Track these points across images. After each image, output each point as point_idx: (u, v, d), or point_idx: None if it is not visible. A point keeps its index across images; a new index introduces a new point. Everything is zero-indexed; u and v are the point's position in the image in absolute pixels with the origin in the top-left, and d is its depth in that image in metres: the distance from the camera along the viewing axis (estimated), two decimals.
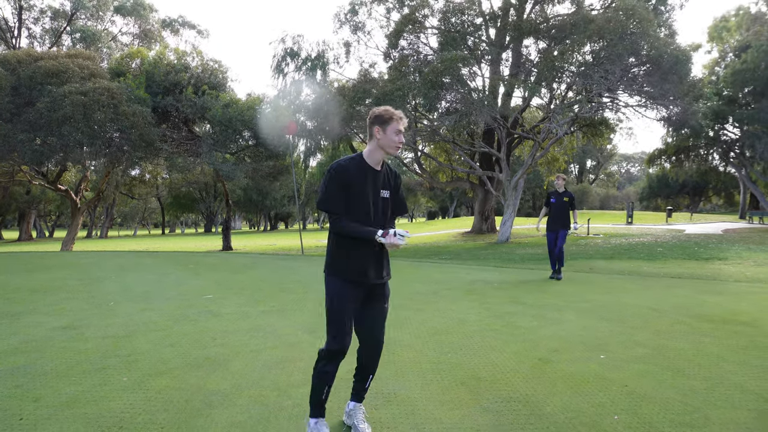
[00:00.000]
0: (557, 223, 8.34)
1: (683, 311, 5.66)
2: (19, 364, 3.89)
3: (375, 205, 2.60)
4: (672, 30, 18.66)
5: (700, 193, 56.19)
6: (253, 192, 52.57)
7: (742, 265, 10.35)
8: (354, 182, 2.52)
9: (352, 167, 2.55)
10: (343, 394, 3.12)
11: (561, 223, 8.34)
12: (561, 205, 8.33)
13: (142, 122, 19.46)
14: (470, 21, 19.44)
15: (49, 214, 55.23)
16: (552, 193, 8.47)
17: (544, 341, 4.47)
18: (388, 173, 2.71)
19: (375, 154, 2.61)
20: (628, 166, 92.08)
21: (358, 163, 2.58)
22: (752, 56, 25.26)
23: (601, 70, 16.17)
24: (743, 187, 37.01)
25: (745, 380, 3.41)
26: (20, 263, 11.87)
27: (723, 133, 30.77)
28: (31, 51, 22.06)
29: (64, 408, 3.02)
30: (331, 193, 2.50)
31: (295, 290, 7.67)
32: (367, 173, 2.58)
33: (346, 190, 2.51)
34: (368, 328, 2.69)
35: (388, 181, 2.69)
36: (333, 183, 2.50)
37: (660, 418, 2.83)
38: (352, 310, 2.59)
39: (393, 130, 2.56)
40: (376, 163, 2.62)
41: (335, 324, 2.56)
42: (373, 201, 2.59)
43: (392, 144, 2.57)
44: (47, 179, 24.74)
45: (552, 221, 8.41)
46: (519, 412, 2.95)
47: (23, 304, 6.44)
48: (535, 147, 19.62)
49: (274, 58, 24.02)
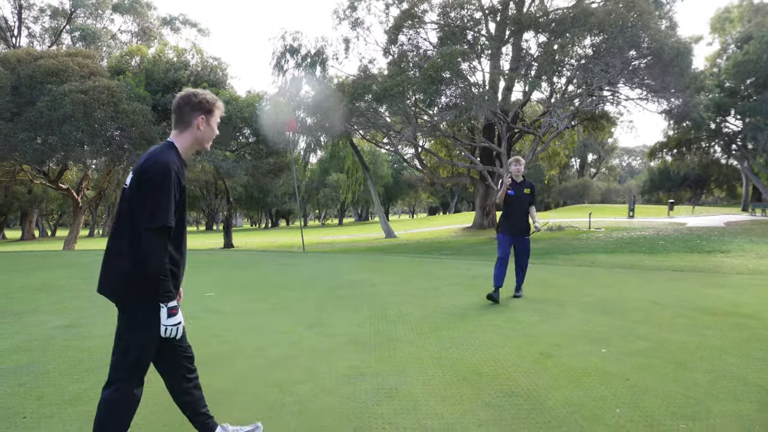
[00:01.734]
0: (515, 225, 6.10)
1: (685, 304, 5.66)
2: (22, 362, 3.91)
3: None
4: (673, 22, 18.57)
5: (702, 186, 56.07)
6: (254, 189, 52.55)
7: (744, 258, 10.33)
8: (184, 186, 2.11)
9: (181, 167, 2.12)
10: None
11: (520, 226, 6.13)
12: (521, 199, 6.11)
13: (143, 120, 19.46)
14: (470, 15, 19.36)
15: (51, 214, 55.32)
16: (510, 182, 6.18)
17: (546, 336, 4.47)
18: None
19: (192, 149, 2.23)
20: (630, 160, 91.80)
21: (181, 162, 2.14)
22: (754, 47, 25.14)
23: (602, 64, 16.09)
24: (745, 179, 36.90)
25: (748, 373, 3.41)
26: (23, 262, 11.90)
27: (725, 126, 30.68)
28: (31, 50, 22.05)
29: (67, 406, 3.03)
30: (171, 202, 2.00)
31: (297, 288, 7.67)
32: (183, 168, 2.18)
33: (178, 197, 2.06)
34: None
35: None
36: (173, 188, 2.01)
37: (662, 412, 2.82)
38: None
39: (216, 121, 2.25)
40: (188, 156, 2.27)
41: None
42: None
43: (212, 138, 2.25)
44: (49, 178, 24.76)
45: (508, 221, 6.14)
46: (521, 406, 2.95)
47: (26, 303, 6.46)
48: (536, 141, 19.58)
49: (274, 55, 23.99)
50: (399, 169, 61.30)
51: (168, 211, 1.98)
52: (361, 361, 3.86)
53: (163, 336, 2.06)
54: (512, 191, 6.10)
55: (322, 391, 3.23)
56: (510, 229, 6.15)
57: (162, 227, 1.98)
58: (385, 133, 23.36)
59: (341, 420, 2.82)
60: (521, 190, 6.16)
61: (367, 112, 20.63)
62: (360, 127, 22.61)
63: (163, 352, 2.23)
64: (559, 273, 8.58)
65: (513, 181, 6.16)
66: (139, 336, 2.09)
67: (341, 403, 3.04)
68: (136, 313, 2.09)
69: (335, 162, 51.33)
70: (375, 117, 21.00)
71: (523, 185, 6.18)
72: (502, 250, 6.11)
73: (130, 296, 2.10)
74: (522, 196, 6.13)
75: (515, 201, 6.11)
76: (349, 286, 7.63)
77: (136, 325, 2.09)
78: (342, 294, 6.89)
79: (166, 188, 2.00)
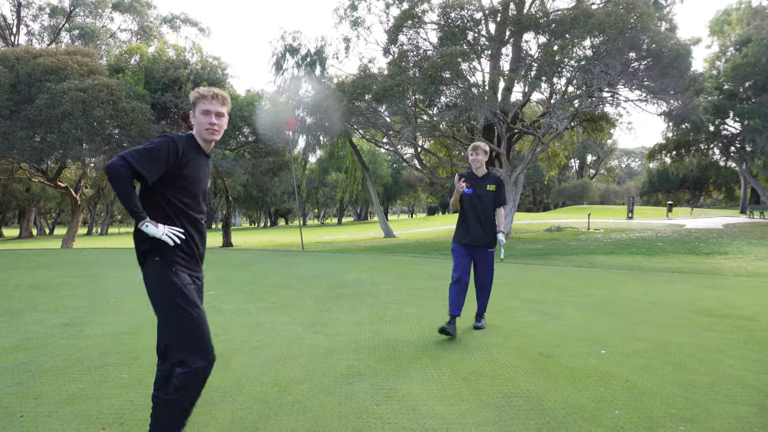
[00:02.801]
0: (475, 233, 4.63)
1: (684, 306, 5.66)
2: (19, 361, 3.89)
3: (204, 194, 2.45)
4: (672, 24, 18.57)
5: (701, 188, 56.17)
6: (253, 188, 52.46)
7: (742, 260, 10.35)
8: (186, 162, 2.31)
9: (190, 150, 2.34)
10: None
11: (482, 234, 4.63)
12: (482, 199, 4.66)
13: (142, 119, 19.43)
14: (470, 16, 19.34)
15: (50, 212, 55.23)
16: (466, 176, 4.68)
17: (545, 336, 4.47)
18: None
19: (202, 141, 2.41)
20: (629, 161, 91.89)
21: (194, 148, 2.38)
22: (753, 50, 25.18)
23: (602, 65, 16.11)
24: (744, 181, 36.97)
25: (746, 375, 3.41)
26: (21, 260, 11.87)
27: (724, 128, 30.72)
28: (30, 48, 21.98)
29: (64, 405, 3.02)
30: (151, 154, 2.20)
31: (296, 286, 7.66)
32: (201, 159, 2.41)
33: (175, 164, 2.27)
34: None
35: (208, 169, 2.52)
36: (163, 151, 2.24)
37: (661, 413, 2.82)
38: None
39: (200, 110, 2.33)
40: (207, 148, 2.45)
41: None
42: (203, 188, 2.44)
43: (202, 126, 2.34)
44: (47, 176, 24.71)
45: (463, 228, 4.71)
46: (520, 407, 2.95)
47: (24, 302, 6.45)
48: (536, 142, 19.58)
49: (273, 54, 23.94)
50: (398, 168, 61.31)
51: (138, 155, 2.16)
52: (360, 360, 3.86)
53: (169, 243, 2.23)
54: (469, 189, 4.62)
55: (321, 391, 3.23)
56: (467, 239, 4.66)
57: (125, 158, 2.14)
58: (384, 133, 23.33)
59: (340, 420, 2.82)
60: (483, 187, 4.66)
61: (367, 111, 20.62)
62: (359, 127, 22.58)
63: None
64: (558, 274, 8.58)
65: (471, 176, 4.69)
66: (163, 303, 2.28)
67: (340, 403, 3.03)
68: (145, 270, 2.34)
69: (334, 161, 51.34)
70: (374, 117, 20.99)
71: (485, 180, 4.69)
72: (457, 267, 4.61)
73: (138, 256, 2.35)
74: (484, 195, 4.65)
75: (475, 201, 4.64)
76: (349, 285, 7.62)
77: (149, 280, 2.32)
78: (341, 293, 6.88)
79: (153, 145, 2.21)
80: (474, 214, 4.63)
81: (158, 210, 2.29)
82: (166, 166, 2.23)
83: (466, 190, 4.60)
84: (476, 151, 4.60)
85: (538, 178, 57.03)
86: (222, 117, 2.34)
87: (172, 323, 2.22)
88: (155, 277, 2.27)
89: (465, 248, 4.66)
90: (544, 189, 65.51)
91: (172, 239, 2.20)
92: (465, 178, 4.58)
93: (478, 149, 4.59)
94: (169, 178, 2.28)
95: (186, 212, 2.34)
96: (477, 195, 4.63)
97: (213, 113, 2.32)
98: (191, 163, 2.31)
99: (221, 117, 2.34)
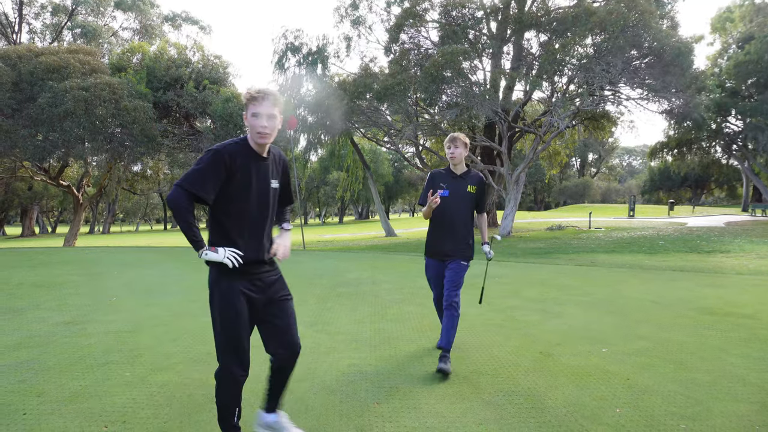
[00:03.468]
0: (446, 240, 3.80)
1: (685, 304, 5.66)
2: (22, 359, 3.91)
3: (261, 197, 2.36)
4: (674, 22, 18.54)
5: (703, 186, 56.03)
6: None
7: (744, 258, 10.33)
8: (234, 171, 2.28)
9: (238, 155, 2.30)
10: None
11: (454, 241, 3.78)
12: (459, 202, 3.80)
13: (144, 117, 19.45)
14: (471, 14, 19.32)
15: (52, 210, 55.29)
16: (439, 175, 3.89)
17: (546, 335, 4.47)
18: (275, 159, 2.47)
19: (254, 142, 2.34)
20: (630, 159, 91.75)
21: (244, 151, 2.33)
22: (755, 48, 25.11)
23: (603, 63, 16.08)
24: (746, 179, 36.89)
25: (747, 373, 3.41)
26: (23, 259, 11.90)
27: (725, 126, 30.63)
28: (32, 46, 22.01)
29: (67, 403, 3.04)
30: (201, 174, 2.22)
31: (297, 285, 7.67)
32: (253, 161, 2.34)
33: (226, 175, 2.26)
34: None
35: (276, 168, 2.45)
36: (211, 167, 2.25)
37: (662, 411, 2.83)
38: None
39: (251, 112, 2.28)
40: (261, 150, 2.36)
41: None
42: (264, 193, 2.37)
43: (253, 129, 2.28)
44: (49, 175, 24.76)
45: (434, 236, 3.89)
46: (521, 405, 2.96)
47: (26, 300, 6.47)
48: (537, 140, 19.56)
49: (275, 53, 23.94)
50: (400, 167, 61.23)
51: (190, 178, 2.20)
52: (361, 359, 3.87)
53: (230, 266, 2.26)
54: (445, 191, 3.73)
55: (323, 389, 3.24)
56: (438, 248, 3.80)
57: (180, 185, 2.19)
58: (385, 132, 23.32)
59: (342, 418, 2.83)
60: (461, 189, 3.77)
61: (368, 110, 20.61)
62: (361, 126, 22.58)
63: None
64: (559, 272, 8.58)
65: (449, 174, 3.82)
66: (212, 311, 2.36)
67: (342, 401, 3.04)
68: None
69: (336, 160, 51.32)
70: (376, 115, 20.99)
71: (465, 180, 3.80)
72: (433, 287, 3.94)
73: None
74: (461, 198, 3.76)
75: (451, 205, 3.73)
76: (350, 284, 7.64)
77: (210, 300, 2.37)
78: (342, 292, 6.89)
79: (201, 164, 2.23)
80: (446, 219, 3.74)
81: (217, 219, 2.33)
82: (219, 181, 2.25)
83: (442, 191, 3.70)
84: (454, 143, 3.72)
85: (539, 177, 56.97)
86: (273, 119, 2.29)
87: (215, 329, 2.38)
88: (210, 283, 2.36)
89: (435, 262, 3.85)
90: (546, 188, 65.43)
91: (233, 262, 2.23)
92: (441, 178, 3.80)
93: (457, 141, 3.71)
94: (223, 187, 2.28)
95: (244, 219, 2.34)
96: (454, 198, 3.74)
97: (264, 115, 2.27)
98: (242, 168, 2.29)
99: (273, 119, 2.29)
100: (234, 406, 2.43)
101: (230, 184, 2.27)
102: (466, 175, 3.82)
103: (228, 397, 2.42)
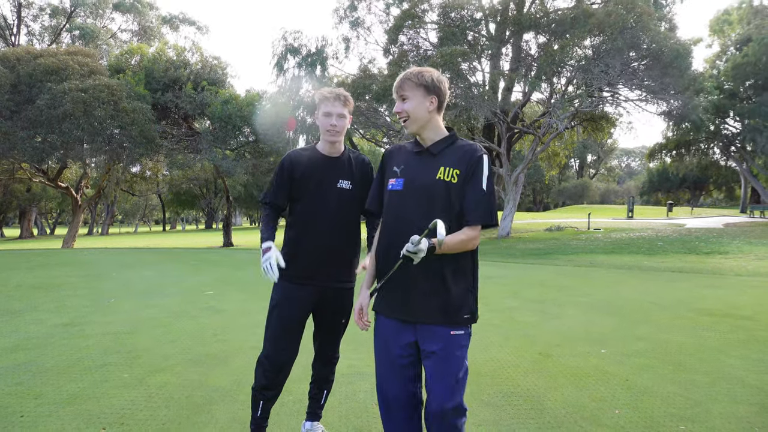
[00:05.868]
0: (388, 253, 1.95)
1: (684, 305, 5.66)
2: (20, 361, 3.90)
3: (322, 194, 2.38)
4: (672, 24, 18.58)
5: (701, 188, 56.11)
6: (254, 188, 52.35)
7: (742, 259, 10.34)
8: (299, 170, 2.41)
9: (302, 158, 2.42)
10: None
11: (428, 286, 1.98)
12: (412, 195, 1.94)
13: (142, 119, 19.44)
14: (470, 16, 19.35)
15: (50, 212, 55.23)
16: (391, 158, 2.11)
17: (545, 336, 4.47)
18: (351, 161, 2.46)
19: (324, 142, 2.42)
20: (629, 161, 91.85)
21: (310, 154, 2.44)
22: (753, 49, 25.17)
23: (602, 65, 16.11)
24: (744, 181, 36.96)
25: (746, 374, 3.41)
26: (21, 260, 11.88)
27: (724, 127, 30.71)
28: (31, 48, 22.01)
29: (65, 405, 3.02)
30: (274, 185, 2.46)
31: None
32: (317, 162, 2.41)
33: (291, 180, 2.42)
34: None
35: (350, 170, 2.44)
36: (278, 175, 2.45)
37: (661, 412, 2.83)
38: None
39: (322, 112, 2.36)
40: (330, 151, 2.42)
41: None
42: (327, 192, 2.38)
43: (323, 128, 2.36)
44: (48, 177, 24.72)
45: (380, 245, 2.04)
46: (520, 406, 2.95)
47: (24, 302, 6.45)
48: (536, 142, 19.58)
49: (274, 54, 23.93)
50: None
51: (271, 190, 2.45)
52: (360, 360, 3.86)
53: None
54: (397, 182, 2.02)
55: None
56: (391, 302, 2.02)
57: (261, 201, 2.49)
58: (385, 133, 23.34)
59: (341, 419, 2.82)
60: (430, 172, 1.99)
61: (367, 111, 20.62)
62: (360, 127, 22.59)
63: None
64: (558, 273, 8.58)
65: (401, 148, 2.22)
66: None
67: (340, 403, 3.04)
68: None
69: None
70: (375, 116, 21.00)
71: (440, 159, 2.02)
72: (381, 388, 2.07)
73: None
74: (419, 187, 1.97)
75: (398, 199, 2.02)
76: None
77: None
78: None
79: (275, 174, 2.46)
80: (391, 219, 2.32)
81: (288, 219, 2.49)
82: (290, 185, 2.42)
83: (393, 185, 2.03)
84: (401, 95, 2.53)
85: (538, 178, 56.99)
86: (343, 118, 2.38)
87: (267, 321, 2.55)
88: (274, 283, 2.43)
89: (388, 321, 2.03)
90: (544, 188, 65.48)
91: (267, 271, 2.29)
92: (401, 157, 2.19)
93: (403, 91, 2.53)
94: (291, 189, 2.44)
95: (305, 217, 2.42)
96: (405, 194, 2.02)
97: (334, 115, 2.35)
98: (304, 170, 2.40)
99: (342, 118, 2.37)
100: (258, 399, 2.52)
101: (293, 186, 2.42)
102: (438, 148, 2.07)
103: (261, 382, 2.51)
